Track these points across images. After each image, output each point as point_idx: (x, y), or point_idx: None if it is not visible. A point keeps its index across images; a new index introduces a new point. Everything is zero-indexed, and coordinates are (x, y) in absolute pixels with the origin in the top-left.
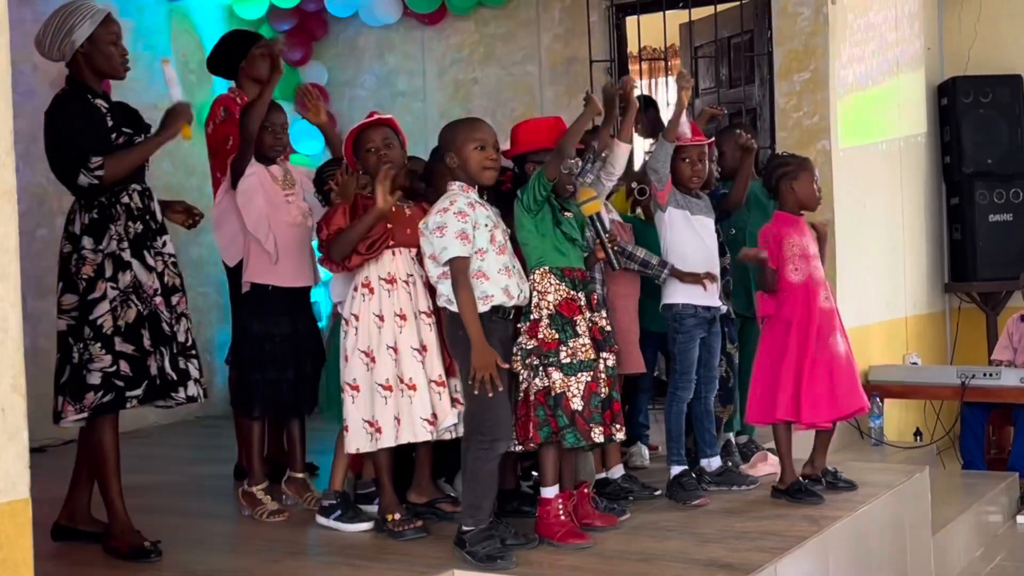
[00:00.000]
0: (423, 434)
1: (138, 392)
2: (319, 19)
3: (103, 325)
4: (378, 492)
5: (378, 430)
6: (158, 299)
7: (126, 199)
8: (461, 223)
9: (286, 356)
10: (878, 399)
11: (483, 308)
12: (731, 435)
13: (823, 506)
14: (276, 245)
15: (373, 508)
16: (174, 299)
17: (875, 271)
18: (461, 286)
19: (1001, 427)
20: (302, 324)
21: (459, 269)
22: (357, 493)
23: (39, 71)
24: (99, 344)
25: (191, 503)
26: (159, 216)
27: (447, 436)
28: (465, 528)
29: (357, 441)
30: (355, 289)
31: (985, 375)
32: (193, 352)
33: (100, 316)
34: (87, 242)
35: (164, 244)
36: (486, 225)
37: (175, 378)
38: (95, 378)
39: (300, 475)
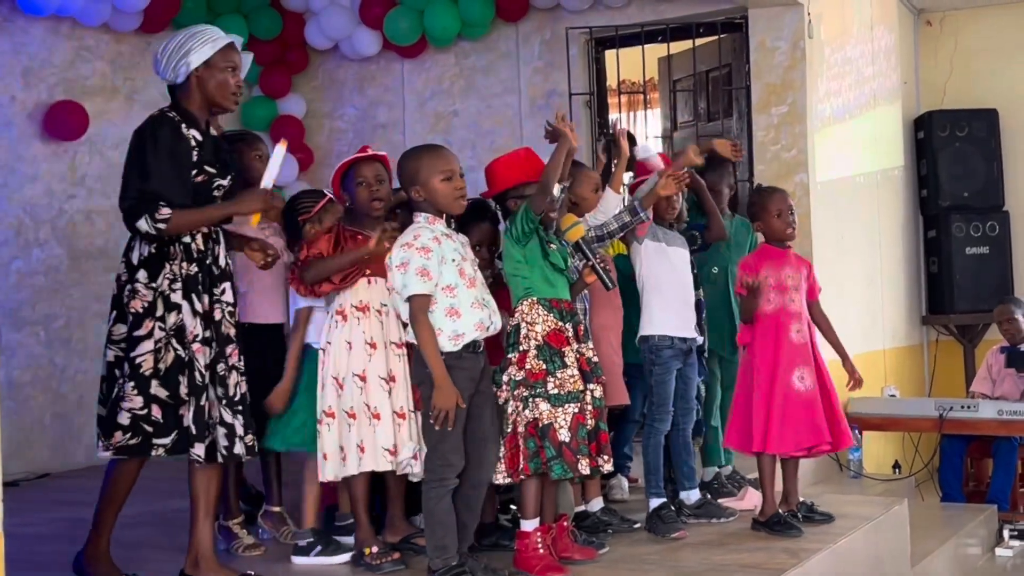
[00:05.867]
0: (384, 464)
1: (166, 441)
2: (299, 52)
3: (141, 365)
4: (354, 525)
5: (344, 458)
6: (196, 346)
7: (187, 239)
8: (423, 259)
9: (257, 390)
10: (857, 431)
11: (454, 347)
12: (717, 468)
13: (802, 539)
14: (251, 283)
15: (350, 540)
16: (228, 349)
17: (853, 303)
18: (420, 324)
19: (980, 460)
20: (270, 357)
21: (419, 307)
22: (336, 525)
23: (17, 102)
24: (132, 384)
25: (166, 537)
26: (222, 261)
27: (408, 470)
28: (434, 569)
29: (333, 469)
30: (331, 317)
31: (963, 407)
32: (240, 408)
33: (141, 355)
34: (141, 275)
35: (224, 291)
36: (453, 260)
37: (196, 432)
38: (124, 418)
39: (276, 508)
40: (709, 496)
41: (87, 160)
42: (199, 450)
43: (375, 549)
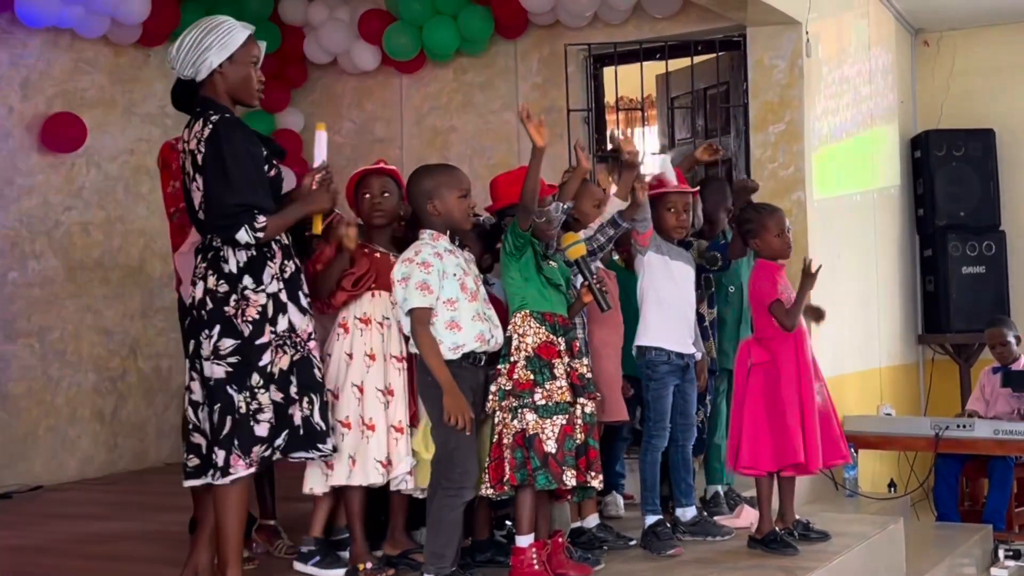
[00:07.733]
0: (376, 477)
1: (279, 442)
2: (298, 66)
3: (273, 373)
4: (349, 539)
5: (331, 467)
6: (311, 343)
7: (278, 236)
8: (423, 274)
9: None
10: (852, 449)
11: (453, 356)
12: (719, 487)
13: (798, 557)
14: None
15: (346, 554)
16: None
17: (849, 322)
18: (421, 335)
19: (975, 479)
20: None
21: (419, 320)
22: (330, 539)
23: (15, 113)
24: (268, 393)
25: (160, 551)
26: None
27: (403, 487)
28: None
29: (312, 480)
30: (333, 329)
31: (958, 427)
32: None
33: (267, 363)
34: (247, 282)
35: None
36: (455, 274)
37: (323, 428)
38: (262, 429)
39: (271, 522)
40: (706, 514)
41: (84, 172)
42: (329, 445)
43: (369, 565)
